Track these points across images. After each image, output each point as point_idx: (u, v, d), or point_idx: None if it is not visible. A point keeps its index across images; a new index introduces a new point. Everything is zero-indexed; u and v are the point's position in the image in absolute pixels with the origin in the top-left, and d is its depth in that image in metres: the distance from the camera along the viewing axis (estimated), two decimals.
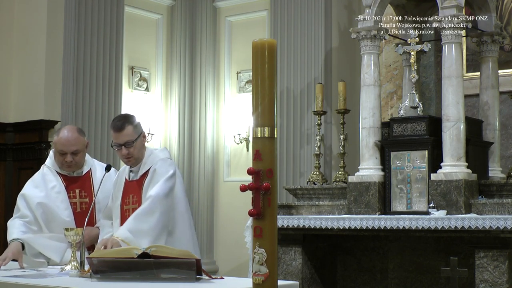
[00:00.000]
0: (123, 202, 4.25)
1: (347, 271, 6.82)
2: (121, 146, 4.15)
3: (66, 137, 4.30)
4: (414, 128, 6.20)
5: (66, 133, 4.32)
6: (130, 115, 4.35)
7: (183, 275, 3.06)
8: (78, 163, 4.39)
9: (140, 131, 4.24)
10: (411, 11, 6.97)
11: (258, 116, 2.24)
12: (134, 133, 4.17)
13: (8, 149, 7.41)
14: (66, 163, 4.33)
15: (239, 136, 8.53)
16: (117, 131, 4.15)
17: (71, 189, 4.39)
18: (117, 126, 4.16)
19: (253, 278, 2.23)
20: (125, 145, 4.14)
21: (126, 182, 4.30)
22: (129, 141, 4.14)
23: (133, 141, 4.15)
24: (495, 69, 6.64)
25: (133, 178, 4.28)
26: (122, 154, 4.19)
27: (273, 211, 2.23)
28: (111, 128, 4.19)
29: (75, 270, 3.41)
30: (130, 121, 4.21)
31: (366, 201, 6.32)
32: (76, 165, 4.38)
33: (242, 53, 8.59)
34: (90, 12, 7.54)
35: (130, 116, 4.31)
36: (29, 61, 7.46)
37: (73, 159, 4.32)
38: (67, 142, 4.29)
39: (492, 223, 5.45)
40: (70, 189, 4.39)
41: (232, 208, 8.41)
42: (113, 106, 7.65)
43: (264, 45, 2.25)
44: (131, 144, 4.14)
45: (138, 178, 4.25)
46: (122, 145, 4.15)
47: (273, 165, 2.23)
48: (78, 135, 4.36)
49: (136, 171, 4.28)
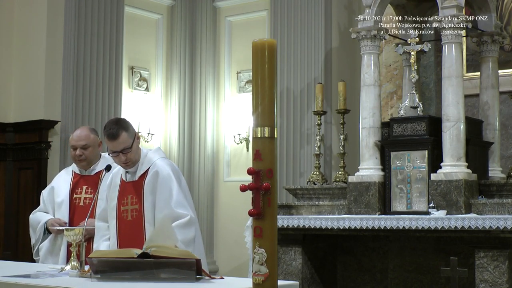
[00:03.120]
0: (120, 203, 4.22)
1: (347, 271, 6.82)
2: (118, 153, 4.12)
3: (77, 133, 4.78)
4: (414, 128, 6.20)
5: (78, 130, 4.84)
6: (122, 119, 4.29)
7: (183, 275, 3.06)
8: (88, 158, 4.72)
9: (134, 134, 4.20)
10: (411, 11, 6.97)
11: (258, 116, 2.24)
12: (129, 138, 4.12)
13: (8, 149, 7.41)
14: (77, 156, 4.70)
15: (239, 136, 8.53)
16: (112, 139, 4.10)
17: (79, 186, 4.77)
18: (111, 134, 4.10)
19: (253, 278, 2.23)
20: (122, 151, 4.11)
21: (122, 183, 4.26)
22: (126, 148, 4.11)
23: (130, 147, 4.12)
24: (495, 69, 6.64)
25: (130, 179, 4.25)
26: (120, 161, 4.16)
27: (273, 211, 2.22)
28: (105, 136, 4.13)
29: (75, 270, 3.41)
30: (124, 126, 4.15)
31: (366, 201, 6.32)
32: (86, 160, 4.73)
33: (242, 53, 8.59)
34: (90, 12, 7.54)
35: (122, 120, 4.25)
36: (29, 61, 7.46)
37: (82, 153, 4.69)
38: (77, 137, 4.73)
39: (492, 223, 5.45)
40: (78, 185, 4.78)
41: (232, 208, 8.41)
42: (113, 106, 7.65)
43: (264, 45, 2.25)
44: (128, 150, 4.12)
45: (137, 179, 4.22)
46: (119, 152, 4.12)
47: (273, 165, 2.23)
48: (89, 133, 4.78)
49: (132, 172, 4.24)
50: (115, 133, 4.09)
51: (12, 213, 7.26)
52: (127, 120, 4.27)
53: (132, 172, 4.26)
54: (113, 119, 4.38)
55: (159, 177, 4.16)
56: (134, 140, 4.17)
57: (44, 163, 7.21)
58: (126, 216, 4.17)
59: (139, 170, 4.23)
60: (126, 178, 4.27)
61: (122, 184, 4.27)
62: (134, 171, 4.24)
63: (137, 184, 4.21)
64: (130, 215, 4.19)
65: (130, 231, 4.15)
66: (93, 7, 7.58)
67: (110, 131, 4.11)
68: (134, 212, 4.18)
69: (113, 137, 4.09)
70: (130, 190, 4.22)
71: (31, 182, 7.29)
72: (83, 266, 3.37)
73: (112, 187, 4.31)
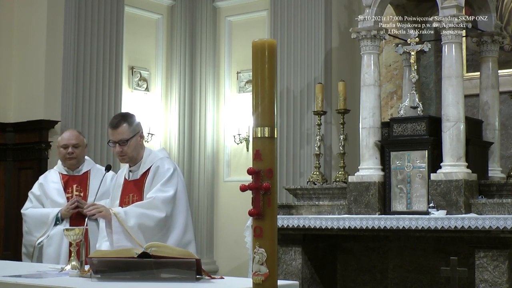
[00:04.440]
0: (122, 202, 4.29)
1: (347, 271, 6.82)
2: (115, 144, 4.26)
3: (67, 134, 5.08)
4: (414, 128, 6.20)
5: (67, 132, 5.15)
6: (129, 114, 4.43)
7: (183, 275, 3.06)
8: (78, 156, 5.01)
9: (137, 131, 4.31)
10: (411, 11, 6.97)
11: (258, 116, 2.24)
12: (129, 132, 4.25)
13: (8, 149, 7.41)
14: (68, 154, 4.96)
15: (239, 136, 8.53)
16: (112, 128, 4.29)
17: (69, 185, 5.01)
18: (113, 123, 4.30)
19: (253, 278, 2.23)
20: (119, 143, 4.24)
21: (125, 182, 4.35)
22: (123, 140, 4.23)
23: (127, 140, 4.23)
24: (495, 69, 6.64)
25: (132, 177, 4.31)
26: (116, 151, 4.31)
27: (273, 211, 2.22)
28: (108, 124, 4.37)
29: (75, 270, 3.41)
30: (127, 119, 4.29)
31: (366, 201, 6.32)
32: (76, 158, 5.00)
33: (242, 53, 8.59)
34: (90, 12, 7.54)
35: (129, 115, 4.38)
36: (29, 61, 7.46)
37: (74, 152, 4.97)
38: (68, 137, 5.02)
39: (492, 223, 5.45)
40: (68, 185, 5.01)
41: (232, 208, 8.41)
42: (113, 106, 7.65)
43: (264, 45, 2.25)
44: (124, 142, 4.23)
45: (139, 178, 4.29)
46: (117, 143, 4.25)
47: (273, 165, 2.23)
48: (78, 134, 5.11)
49: (135, 171, 4.32)
50: (115, 123, 4.27)
51: (12, 213, 7.25)
52: (134, 117, 4.41)
53: (134, 170, 4.34)
54: (122, 112, 4.57)
55: (159, 170, 4.27)
56: (135, 136, 4.28)
57: (44, 163, 7.20)
58: None
59: (141, 169, 4.31)
60: (129, 177, 4.33)
61: (125, 183, 4.35)
62: (136, 170, 4.32)
63: (139, 182, 4.29)
64: None
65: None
66: (93, 7, 7.57)
67: (113, 120, 4.34)
68: None
69: (113, 126, 4.28)
70: (132, 188, 4.30)
71: (31, 182, 7.23)
72: (83, 266, 3.37)
73: (116, 187, 4.38)
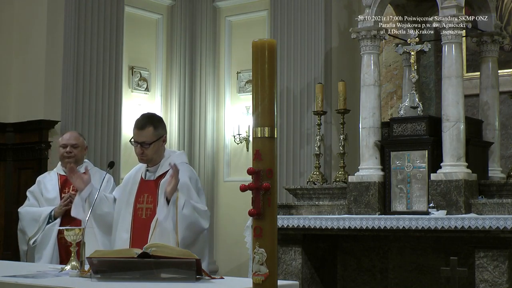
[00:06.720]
0: (137, 201, 4.31)
1: (347, 271, 6.82)
2: (138, 144, 4.25)
3: (68, 134, 5.25)
4: (414, 128, 6.20)
5: (68, 133, 5.32)
6: (157, 117, 4.43)
7: (183, 275, 3.06)
8: (76, 156, 5.11)
9: (161, 135, 4.31)
10: (411, 11, 6.97)
11: (258, 116, 2.24)
12: (153, 135, 4.24)
13: (8, 149, 7.41)
14: (67, 153, 5.08)
15: (239, 136, 8.53)
16: (137, 128, 4.27)
17: (66, 186, 5.10)
18: (139, 124, 4.28)
19: (253, 278, 2.23)
20: (141, 144, 4.23)
21: (141, 181, 4.36)
22: (146, 142, 4.23)
23: (150, 143, 4.24)
24: (495, 69, 6.64)
25: (149, 177, 4.34)
26: (137, 151, 4.29)
27: (273, 211, 2.23)
28: (134, 123, 4.31)
29: (75, 270, 3.41)
30: (154, 123, 4.29)
31: (366, 201, 6.32)
32: (75, 158, 5.09)
33: (242, 53, 8.58)
34: (90, 12, 7.54)
35: (157, 118, 4.39)
36: (29, 61, 7.46)
37: (72, 151, 5.09)
38: (68, 137, 5.18)
39: (492, 223, 5.45)
40: (66, 185, 5.11)
41: (232, 208, 8.41)
42: (113, 106, 7.64)
43: (264, 45, 2.25)
44: (147, 145, 4.23)
45: (155, 179, 4.31)
46: (139, 144, 4.24)
47: (273, 165, 2.23)
48: (78, 135, 5.26)
49: (153, 171, 4.35)
50: (142, 125, 4.26)
51: (12, 213, 7.24)
52: (162, 120, 4.41)
53: (152, 171, 4.35)
54: (150, 113, 4.56)
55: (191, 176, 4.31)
56: (158, 140, 4.28)
57: (44, 163, 7.20)
58: (140, 214, 4.26)
59: (158, 171, 4.33)
60: (145, 177, 4.34)
61: (141, 182, 4.36)
62: (154, 171, 4.34)
63: (154, 184, 4.30)
64: (145, 213, 4.28)
65: (143, 229, 4.21)
66: (93, 7, 7.57)
67: (140, 120, 4.30)
68: (148, 211, 4.27)
69: (138, 127, 4.26)
70: (147, 188, 4.32)
71: (31, 182, 7.23)
72: (83, 266, 3.37)
73: (133, 182, 4.38)
